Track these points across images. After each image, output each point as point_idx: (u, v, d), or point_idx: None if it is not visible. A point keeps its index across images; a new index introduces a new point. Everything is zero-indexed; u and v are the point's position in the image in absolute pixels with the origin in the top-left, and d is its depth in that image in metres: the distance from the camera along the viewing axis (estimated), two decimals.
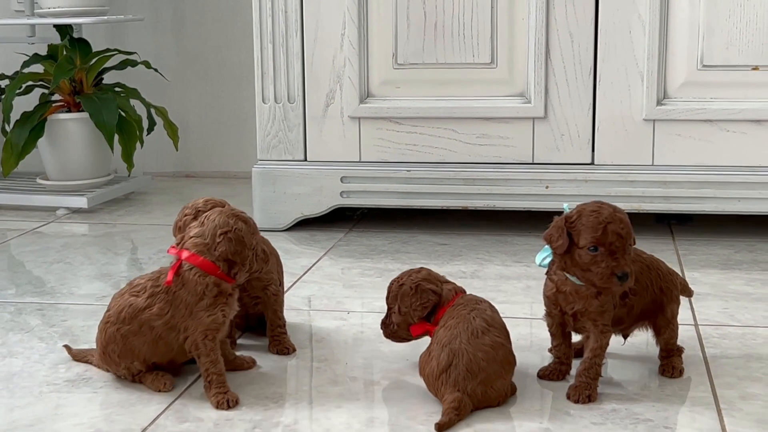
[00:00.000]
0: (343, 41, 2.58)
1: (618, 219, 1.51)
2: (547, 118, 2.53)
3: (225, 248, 1.57)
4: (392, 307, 1.67)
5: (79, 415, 1.53)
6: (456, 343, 1.51)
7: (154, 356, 1.61)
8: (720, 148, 2.47)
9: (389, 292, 1.67)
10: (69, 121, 3.03)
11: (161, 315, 1.58)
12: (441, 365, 1.50)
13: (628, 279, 1.50)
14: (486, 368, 1.49)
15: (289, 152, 2.67)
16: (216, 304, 1.57)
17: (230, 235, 1.58)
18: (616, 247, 1.50)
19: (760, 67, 2.42)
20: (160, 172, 3.53)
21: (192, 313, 1.56)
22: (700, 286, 2.14)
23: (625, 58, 2.47)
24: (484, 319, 1.56)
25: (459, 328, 1.53)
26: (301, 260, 2.40)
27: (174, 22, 3.44)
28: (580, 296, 1.56)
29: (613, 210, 1.52)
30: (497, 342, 1.53)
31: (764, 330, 1.87)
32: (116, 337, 1.61)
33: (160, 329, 1.58)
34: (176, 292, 1.57)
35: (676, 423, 1.47)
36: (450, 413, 1.45)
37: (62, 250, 2.55)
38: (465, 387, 1.48)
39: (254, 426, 1.48)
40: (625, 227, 1.51)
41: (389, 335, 1.69)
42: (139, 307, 1.59)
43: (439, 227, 2.71)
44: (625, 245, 1.51)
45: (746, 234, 2.57)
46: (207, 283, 1.57)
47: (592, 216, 1.51)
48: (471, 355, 1.49)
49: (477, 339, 1.51)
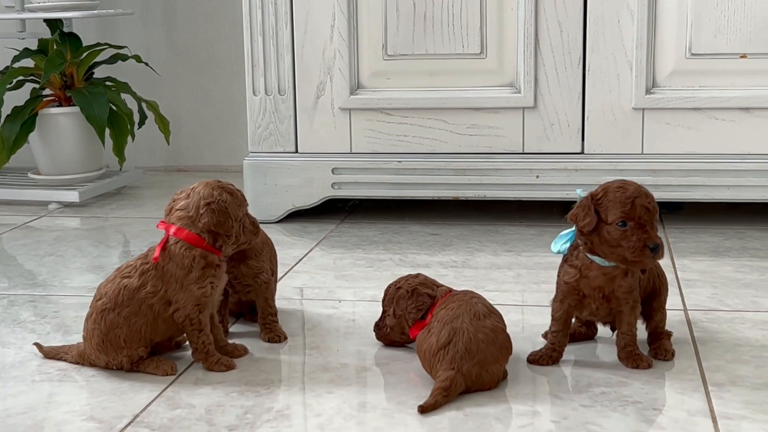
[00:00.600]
0: (333, 33, 2.59)
1: (644, 194, 1.55)
2: (536, 108, 2.54)
3: (208, 219, 1.58)
4: (387, 309, 1.69)
5: (72, 403, 1.53)
6: (458, 322, 1.52)
7: (156, 335, 1.63)
8: (709, 136, 2.49)
9: (386, 296, 1.71)
10: (60, 115, 3.03)
11: (156, 292, 1.59)
12: (440, 341, 1.51)
13: (659, 251, 1.53)
14: (484, 350, 1.50)
15: (280, 144, 2.67)
16: (205, 276, 1.59)
17: (213, 206, 1.59)
18: (645, 221, 1.53)
19: (748, 55, 2.44)
20: (152, 167, 3.53)
21: (182, 286, 1.58)
22: (689, 272, 2.15)
23: (614, 48, 2.48)
24: (485, 305, 1.59)
25: (461, 309, 1.55)
26: (293, 251, 2.41)
27: (164, 16, 3.44)
28: (608, 278, 1.59)
29: (638, 186, 1.56)
30: (498, 326, 1.55)
31: (753, 314, 1.88)
32: (119, 322, 1.60)
33: (158, 306, 1.59)
34: (165, 267, 1.58)
35: (664, 405, 1.48)
36: (437, 395, 1.46)
37: (54, 244, 2.55)
38: (461, 366, 1.49)
39: (246, 411, 1.49)
40: (652, 201, 1.55)
41: (382, 337, 1.73)
42: (134, 287, 1.60)
43: (430, 217, 2.71)
44: (653, 219, 1.54)
45: (736, 221, 2.59)
46: (194, 256, 1.58)
47: (619, 192, 1.54)
48: (471, 334, 1.50)
49: (479, 321, 1.53)
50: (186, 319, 1.60)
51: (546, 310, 1.88)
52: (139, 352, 1.62)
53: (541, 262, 2.22)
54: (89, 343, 1.65)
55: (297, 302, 2.03)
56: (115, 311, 1.60)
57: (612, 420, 1.43)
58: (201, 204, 1.60)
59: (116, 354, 1.62)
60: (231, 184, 1.65)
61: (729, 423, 1.41)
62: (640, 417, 1.44)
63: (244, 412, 1.48)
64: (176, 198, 1.65)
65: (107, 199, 3.09)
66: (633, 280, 1.60)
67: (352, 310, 1.97)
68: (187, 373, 1.64)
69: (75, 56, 3.04)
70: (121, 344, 1.61)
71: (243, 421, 1.45)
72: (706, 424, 1.41)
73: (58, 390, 1.59)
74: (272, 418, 1.46)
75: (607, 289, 1.59)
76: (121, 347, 1.61)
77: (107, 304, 1.61)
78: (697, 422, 1.42)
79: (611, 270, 1.58)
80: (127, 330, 1.61)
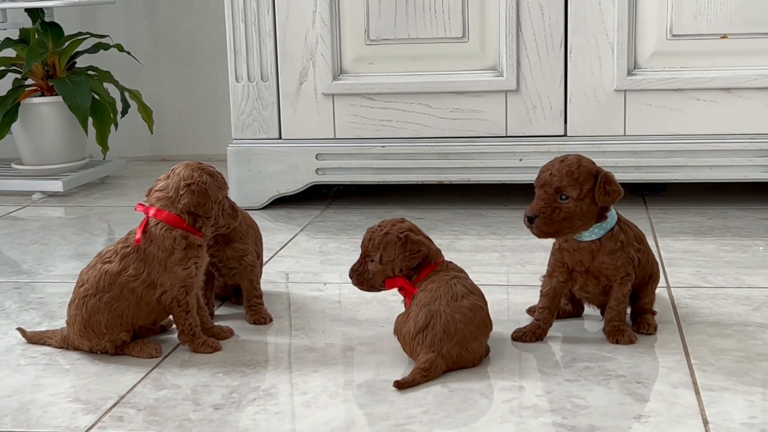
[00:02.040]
0: (315, 18, 2.59)
1: (557, 166, 1.57)
2: (519, 91, 2.55)
3: (187, 200, 1.59)
4: (371, 255, 1.62)
5: (57, 386, 1.53)
6: (435, 305, 1.52)
7: (139, 319, 1.62)
8: (690, 116, 2.50)
9: (370, 240, 1.62)
10: (42, 105, 3.02)
11: (138, 275, 1.59)
12: (418, 325, 1.51)
13: (534, 221, 1.57)
14: (463, 330, 1.51)
15: (263, 131, 2.67)
16: (188, 257, 1.59)
17: (193, 188, 1.59)
18: (542, 192, 1.57)
19: (729, 36, 2.45)
20: (136, 157, 3.53)
21: (166, 268, 1.58)
22: (672, 251, 2.17)
23: (595, 29, 2.49)
24: (464, 285, 1.58)
25: (439, 292, 1.54)
26: (278, 236, 2.41)
27: (146, 4, 3.43)
28: (586, 252, 1.60)
29: (562, 159, 1.58)
30: (476, 305, 1.55)
31: (735, 290, 1.89)
32: (100, 307, 1.60)
33: (140, 289, 1.59)
34: (146, 249, 1.58)
35: (648, 378, 1.49)
36: (416, 374, 1.47)
37: (38, 232, 2.55)
38: (441, 348, 1.49)
39: (232, 391, 1.49)
40: (557, 174, 1.56)
41: (361, 283, 1.64)
42: (115, 272, 1.60)
43: (415, 202, 2.72)
44: (548, 191, 1.56)
45: (718, 201, 2.60)
46: (174, 237, 1.58)
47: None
48: (449, 316, 1.50)
49: (456, 302, 1.53)
50: (173, 300, 1.60)
51: (530, 289, 1.89)
52: (121, 336, 1.62)
53: (525, 243, 2.23)
54: (72, 328, 1.65)
55: (282, 285, 2.03)
56: (97, 297, 1.60)
57: (596, 393, 1.44)
58: (181, 185, 1.60)
59: (98, 339, 1.62)
60: (211, 167, 1.65)
61: (711, 394, 1.42)
62: (623, 390, 1.45)
63: (230, 392, 1.49)
64: (158, 180, 1.65)
65: (91, 189, 3.08)
66: (617, 257, 1.60)
67: (338, 292, 1.98)
68: (173, 355, 1.64)
69: (57, 45, 3.03)
70: (103, 330, 1.61)
71: (229, 401, 1.46)
72: (690, 396, 1.42)
73: (44, 373, 1.59)
74: (258, 397, 1.46)
75: (588, 264, 1.60)
76: (102, 333, 1.61)
77: (89, 290, 1.61)
78: (680, 394, 1.43)
79: (588, 244, 1.60)
80: (108, 315, 1.60)
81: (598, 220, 1.59)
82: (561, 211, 1.56)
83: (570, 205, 1.56)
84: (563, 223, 1.57)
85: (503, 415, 1.38)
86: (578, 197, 1.56)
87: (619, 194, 1.58)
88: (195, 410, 1.43)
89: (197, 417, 1.40)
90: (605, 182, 1.57)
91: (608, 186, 1.57)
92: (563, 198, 1.56)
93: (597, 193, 1.56)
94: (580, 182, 1.56)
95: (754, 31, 2.43)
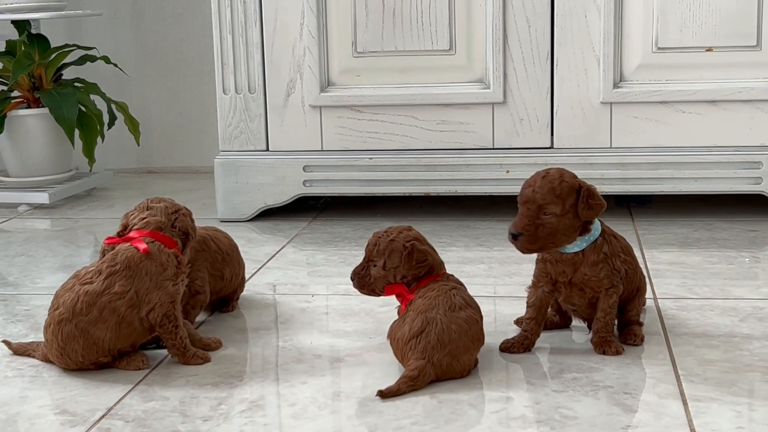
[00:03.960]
0: (302, 30, 2.60)
1: (539, 183, 1.57)
2: (506, 104, 2.56)
3: (183, 223, 1.67)
4: (375, 260, 1.62)
5: (44, 398, 1.53)
6: (432, 312, 1.53)
7: (118, 342, 1.60)
8: (676, 129, 2.51)
9: (375, 245, 1.62)
10: (29, 117, 3.01)
11: (123, 293, 1.58)
12: (413, 330, 1.51)
13: (518, 239, 1.57)
14: (456, 340, 1.51)
15: (251, 142, 2.67)
16: (178, 274, 1.61)
17: (183, 212, 1.69)
18: (525, 209, 1.57)
19: (714, 49, 2.47)
20: (122, 169, 3.52)
21: (157, 284, 1.58)
22: (658, 263, 2.18)
23: (582, 42, 2.50)
24: (463, 297, 1.58)
25: (438, 300, 1.55)
26: (265, 248, 2.41)
27: (133, 16, 3.44)
28: (568, 264, 1.61)
29: (543, 174, 1.59)
30: (472, 318, 1.55)
31: (721, 302, 1.90)
32: (75, 334, 1.57)
33: (123, 309, 1.58)
34: (140, 265, 1.58)
35: (636, 389, 1.50)
36: (402, 383, 1.48)
37: (24, 244, 2.54)
38: (432, 356, 1.49)
39: (220, 403, 1.49)
40: (539, 191, 1.56)
41: (362, 286, 1.64)
42: (96, 292, 1.57)
43: (402, 214, 2.72)
44: (531, 207, 1.56)
45: (704, 213, 2.62)
46: (169, 254, 1.62)
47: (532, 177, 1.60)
48: (444, 325, 1.51)
49: (453, 312, 1.53)
50: (163, 317, 1.59)
51: (517, 301, 1.90)
52: (100, 360, 1.60)
53: (513, 255, 2.23)
54: (50, 353, 1.63)
55: (270, 297, 2.03)
56: (73, 322, 1.57)
57: (584, 404, 1.44)
58: (170, 212, 1.67)
59: (77, 365, 1.60)
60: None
61: (699, 405, 1.43)
62: (611, 401, 1.45)
63: (218, 403, 1.48)
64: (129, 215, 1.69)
65: (77, 201, 3.07)
66: (599, 269, 1.61)
67: (325, 303, 1.98)
68: (161, 367, 1.64)
69: (43, 57, 3.03)
70: (80, 358, 1.59)
71: (217, 412, 1.45)
72: (677, 406, 1.43)
73: (30, 385, 1.58)
74: (246, 409, 1.46)
75: (571, 275, 1.61)
76: (80, 361, 1.59)
77: (64, 314, 1.58)
78: (667, 405, 1.43)
79: (571, 256, 1.60)
80: (84, 342, 1.57)
81: (582, 233, 1.60)
82: (544, 227, 1.56)
83: (553, 221, 1.56)
84: (547, 239, 1.57)
85: (492, 426, 1.38)
86: (561, 213, 1.57)
87: (602, 207, 1.59)
88: (183, 422, 1.42)
89: (186, 429, 1.40)
90: (588, 197, 1.57)
91: (591, 200, 1.57)
92: (546, 214, 1.57)
93: (580, 208, 1.57)
94: (562, 198, 1.57)
95: (739, 44, 2.45)
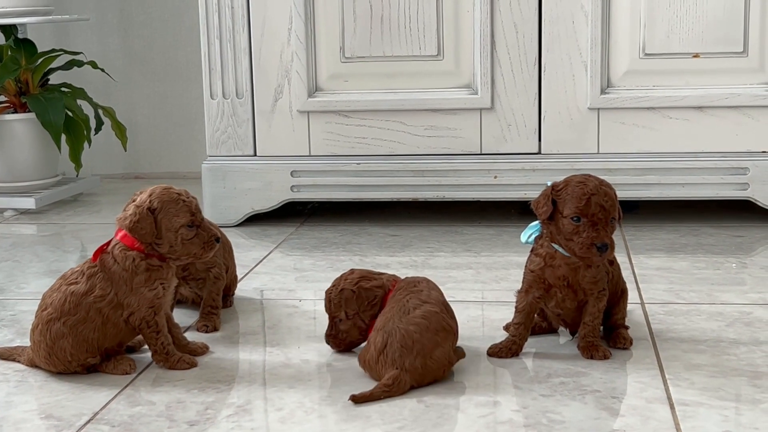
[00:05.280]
0: (290, 35, 2.59)
1: (603, 192, 1.56)
2: (493, 109, 2.56)
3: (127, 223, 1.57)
4: (337, 315, 1.66)
5: (30, 402, 1.52)
6: (389, 325, 1.53)
7: (105, 341, 1.60)
8: (663, 134, 2.52)
9: (329, 302, 1.66)
10: (15, 121, 3.00)
11: (104, 295, 1.57)
12: (377, 348, 1.52)
13: (607, 250, 1.55)
14: (420, 339, 1.50)
15: (238, 147, 2.67)
16: (152, 278, 1.59)
17: (137, 211, 1.57)
18: (598, 219, 1.55)
19: (701, 55, 2.47)
20: (109, 174, 3.51)
21: (132, 289, 1.57)
22: (645, 268, 2.18)
23: (569, 48, 2.51)
24: (419, 298, 1.58)
25: (392, 312, 1.56)
26: (253, 253, 2.41)
27: (120, 22, 3.43)
28: (572, 268, 1.61)
29: (599, 183, 1.57)
30: (429, 311, 1.54)
31: (708, 307, 1.91)
32: (64, 332, 1.57)
33: (107, 310, 1.58)
34: (111, 269, 1.58)
35: (623, 393, 1.50)
36: (377, 389, 1.47)
37: (10, 250, 2.53)
38: (402, 363, 1.49)
39: (206, 407, 1.48)
40: (609, 200, 1.56)
41: (339, 344, 1.68)
42: (81, 292, 1.58)
43: (390, 219, 2.72)
44: (607, 218, 1.56)
45: (690, 219, 2.62)
46: (132, 257, 1.58)
47: (578, 187, 1.56)
48: (403, 331, 1.51)
49: (408, 315, 1.53)
50: (142, 322, 1.59)
51: (505, 306, 1.90)
52: (88, 361, 1.60)
53: (500, 260, 2.23)
54: (36, 354, 1.62)
55: (257, 302, 2.03)
56: (61, 321, 1.57)
57: (571, 408, 1.44)
58: (133, 207, 1.58)
59: (65, 366, 1.60)
60: (179, 193, 1.60)
61: (686, 409, 1.43)
62: (599, 405, 1.45)
63: (204, 408, 1.48)
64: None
65: (64, 206, 3.06)
66: (598, 271, 1.62)
67: (313, 308, 1.97)
68: (147, 372, 1.63)
69: (30, 62, 3.02)
70: (68, 358, 1.58)
71: (204, 417, 1.45)
72: (664, 410, 1.43)
73: (16, 390, 1.57)
74: (233, 413, 1.46)
75: (571, 279, 1.61)
76: (68, 360, 1.59)
77: (52, 314, 1.58)
78: (654, 409, 1.43)
79: (575, 261, 1.60)
80: (72, 340, 1.57)
81: None
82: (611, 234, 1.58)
83: (615, 227, 1.58)
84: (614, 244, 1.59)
85: (479, 430, 1.38)
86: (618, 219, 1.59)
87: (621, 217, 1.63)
88: (170, 427, 1.42)
89: None
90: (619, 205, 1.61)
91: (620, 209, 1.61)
92: (613, 220, 1.58)
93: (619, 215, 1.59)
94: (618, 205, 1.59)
95: (725, 50, 2.46)
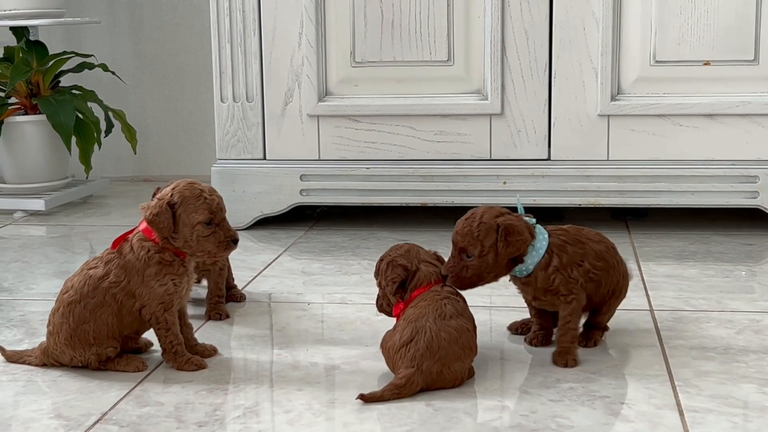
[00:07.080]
0: (301, 40, 2.60)
1: (457, 225, 1.63)
2: (503, 115, 2.56)
3: (147, 214, 1.58)
4: (378, 281, 1.68)
5: (39, 402, 1.52)
6: (422, 321, 1.53)
7: (124, 327, 1.62)
8: (673, 142, 2.52)
9: (376, 269, 1.69)
10: (26, 123, 3.01)
11: (118, 282, 1.59)
12: (403, 339, 1.51)
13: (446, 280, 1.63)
14: (446, 348, 1.51)
15: (248, 151, 2.67)
16: (163, 273, 1.59)
17: (155, 203, 1.58)
18: (451, 250, 1.62)
19: (712, 62, 2.47)
20: (119, 177, 3.52)
21: (143, 280, 1.58)
22: (655, 275, 2.17)
23: (580, 55, 2.51)
24: (455, 307, 1.58)
25: (428, 309, 1.55)
26: (262, 257, 2.41)
27: (131, 25, 3.44)
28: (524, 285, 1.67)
29: (466, 217, 1.64)
30: (463, 327, 1.55)
31: (718, 314, 1.90)
32: (86, 316, 1.59)
33: (121, 296, 1.59)
34: (126, 256, 1.60)
35: (632, 399, 1.49)
36: (387, 390, 1.47)
37: (20, 251, 2.53)
38: (421, 363, 1.49)
39: (215, 409, 1.48)
40: (459, 234, 1.62)
41: (379, 309, 1.70)
42: (98, 276, 1.60)
43: (399, 224, 2.72)
44: (454, 251, 1.62)
45: (700, 227, 2.62)
46: (147, 248, 1.59)
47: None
48: (434, 333, 1.51)
49: (443, 320, 1.53)
50: (152, 317, 1.60)
51: (514, 311, 1.90)
52: (108, 351, 1.61)
53: None
54: (55, 338, 1.63)
55: (265, 305, 2.03)
56: (81, 303, 1.59)
57: (580, 414, 1.44)
58: (156, 200, 1.60)
59: (84, 351, 1.61)
60: (203, 189, 1.60)
61: (695, 416, 1.43)
62: (607, 411, 1.45)
63: (213, 410, 1.48)
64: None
65: (73, 208, 3.07)
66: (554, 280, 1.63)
67: (321, 312, 1.97)
68: (156, 372, 1.63)
69: (41, 64, 3.03)
70: (90, 341, 1.60)
71: (212, 418, 1.45)
72: (673, 417, 1.43)
73: (25, 390, 1.57)
74: (241, 415, 1.46)
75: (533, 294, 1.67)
76: (90, 344, 1.60)
77: (73, 296, 1.61)
78: (663, 415, 1.43)
79: (525, 279, 1.65)
80: (94, 325, 1.59)
81: (516, 263, 1.63)
82: (468, 268, 1.61)
83: (474, 262, 1.60)
84: (473, 278, 1.62)
85: None
86: (480, 254, 1.60)
87: (525, 243, 1.60)
88: (178, 428, 1.42)
89: None
90: (506, 235, 1.59)
91: (510, 238, 1.59)
92: (468, 257, 1.60)
93: (499, 247, 1.59)
94: (480, 240, 1.59)
95: (736, 58, 2.46)
